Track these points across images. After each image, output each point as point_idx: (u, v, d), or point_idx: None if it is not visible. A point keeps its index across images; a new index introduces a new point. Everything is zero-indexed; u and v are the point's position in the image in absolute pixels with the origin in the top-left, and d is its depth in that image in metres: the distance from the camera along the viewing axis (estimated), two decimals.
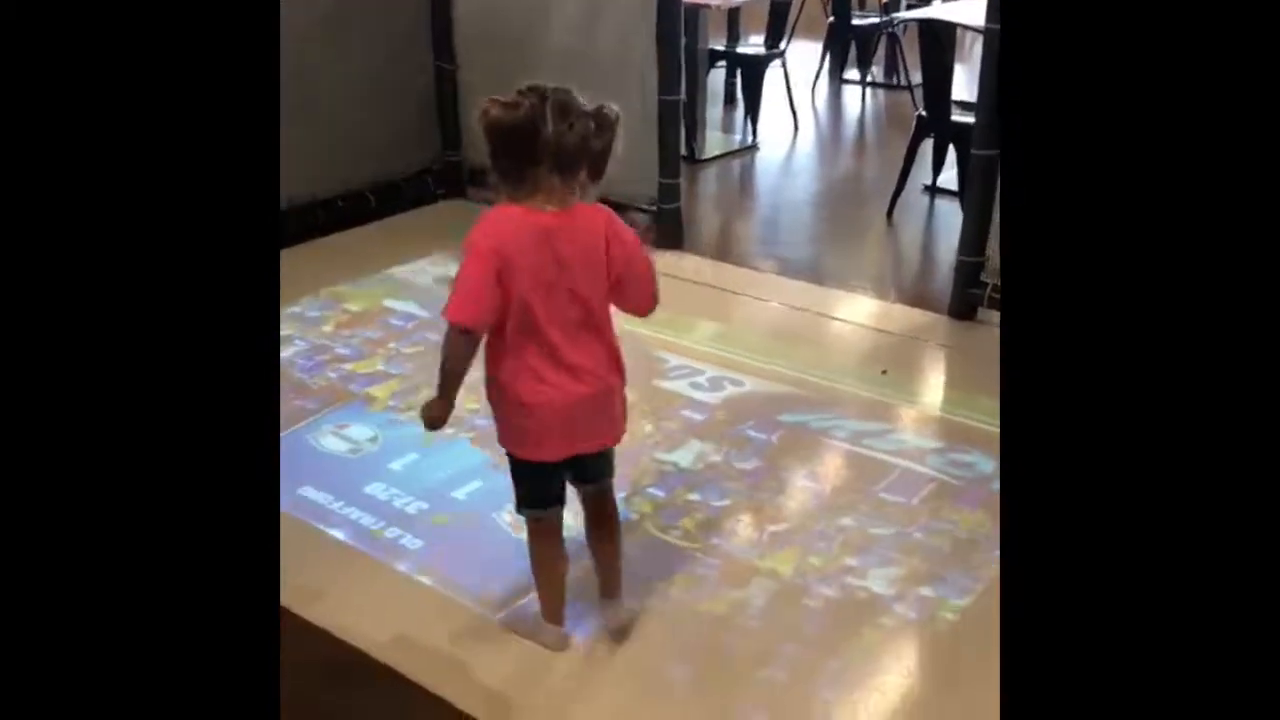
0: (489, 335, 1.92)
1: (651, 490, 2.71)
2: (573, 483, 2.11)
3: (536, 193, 1.84)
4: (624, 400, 2.06)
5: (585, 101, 1.84)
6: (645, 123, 4.04)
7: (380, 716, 2.07)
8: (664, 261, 1.71)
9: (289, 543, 2.43)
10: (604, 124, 1.83)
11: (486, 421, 2.91)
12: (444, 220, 4.58)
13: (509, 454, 2.06)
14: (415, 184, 4.74)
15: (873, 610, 2.31)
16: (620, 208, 1.83)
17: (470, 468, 2.80)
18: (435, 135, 4.78)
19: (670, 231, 4.27)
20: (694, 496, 2.69)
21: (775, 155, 5.76)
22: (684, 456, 2.86)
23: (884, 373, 3.35)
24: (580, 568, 2.24)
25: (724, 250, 4.46)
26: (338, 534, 2.56)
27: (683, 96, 4.27)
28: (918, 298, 3.98)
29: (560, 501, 2.10)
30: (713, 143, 5.63)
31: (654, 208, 4.23)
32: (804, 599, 2.34)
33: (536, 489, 2.07)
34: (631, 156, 1.96)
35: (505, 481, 2.71)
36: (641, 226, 4.08)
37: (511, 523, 2.57)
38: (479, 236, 1.86)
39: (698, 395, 3.14)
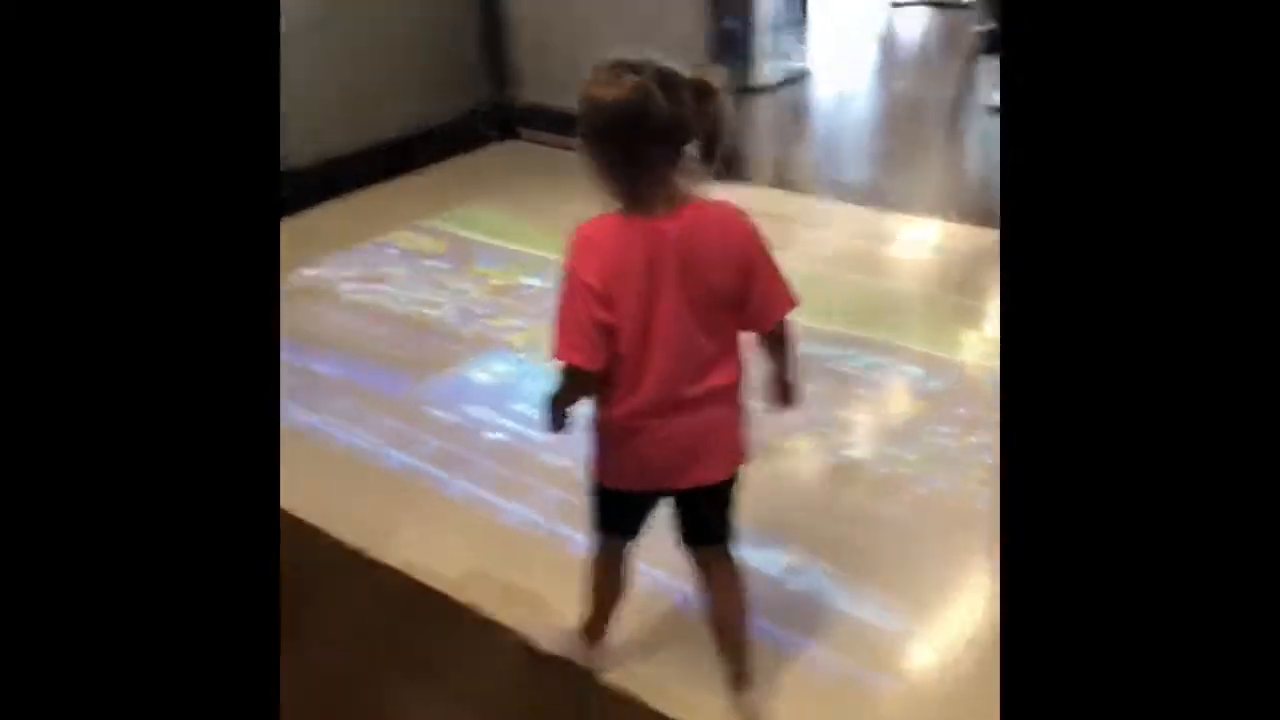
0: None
1: None
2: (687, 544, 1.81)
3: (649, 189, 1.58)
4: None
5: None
6: (693, 52, 3.97)
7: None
8: (720, 196, 1.66)
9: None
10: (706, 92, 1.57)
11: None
12: (502, 162, 4.56)
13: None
14: (464, 126, 4.61)
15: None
16: None
17: None
18: (483, 74, 4.65)
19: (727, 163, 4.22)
20: None
21: (831, 80, 5.64)
22: None
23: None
24: None
25: (783, 179, 4.40)
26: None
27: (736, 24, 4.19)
28: (984, 218, 3.90)
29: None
30: (767, 70, 5.51)
31: None
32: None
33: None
34: None
35: None
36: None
37: None
38: (573, 264, 1.55)
39: None
